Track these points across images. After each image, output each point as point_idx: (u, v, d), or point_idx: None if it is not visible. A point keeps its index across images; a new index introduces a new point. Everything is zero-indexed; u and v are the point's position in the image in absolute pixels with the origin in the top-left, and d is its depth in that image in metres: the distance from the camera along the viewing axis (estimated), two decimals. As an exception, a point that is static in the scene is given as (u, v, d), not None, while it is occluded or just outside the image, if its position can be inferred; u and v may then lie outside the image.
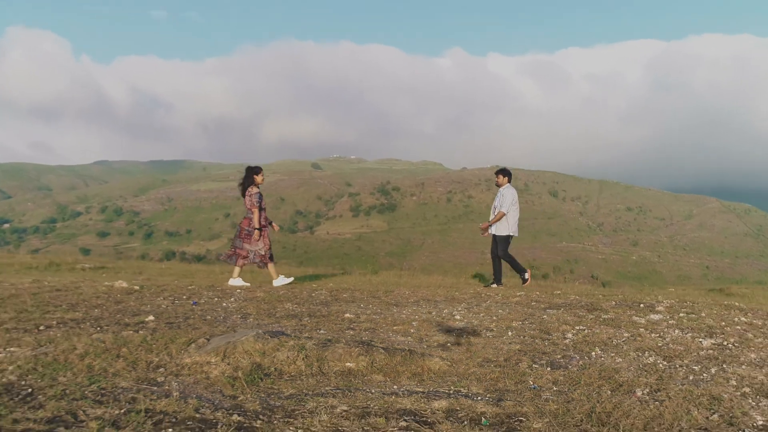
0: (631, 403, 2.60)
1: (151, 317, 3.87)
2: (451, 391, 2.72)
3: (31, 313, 4.05)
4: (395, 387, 2.78)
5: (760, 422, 2.46)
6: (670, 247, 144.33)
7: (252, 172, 7.05)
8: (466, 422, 2.36)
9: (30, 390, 2.65)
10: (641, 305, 4.57)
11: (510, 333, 3.69)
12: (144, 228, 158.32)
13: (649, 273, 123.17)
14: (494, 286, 7.31)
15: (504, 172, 7.70)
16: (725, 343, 3.51)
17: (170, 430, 2.29)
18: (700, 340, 3.53)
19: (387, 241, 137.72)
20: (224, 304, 4.61)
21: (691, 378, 2.97)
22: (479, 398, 2.63)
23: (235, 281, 6.61)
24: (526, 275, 7.48)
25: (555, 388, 2.79)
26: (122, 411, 2.43)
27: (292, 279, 6.88)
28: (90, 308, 4.27)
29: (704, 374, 3.02)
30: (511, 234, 7.49)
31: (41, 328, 3.65)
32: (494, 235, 7.49)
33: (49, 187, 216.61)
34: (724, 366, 3.13)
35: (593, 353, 3.31)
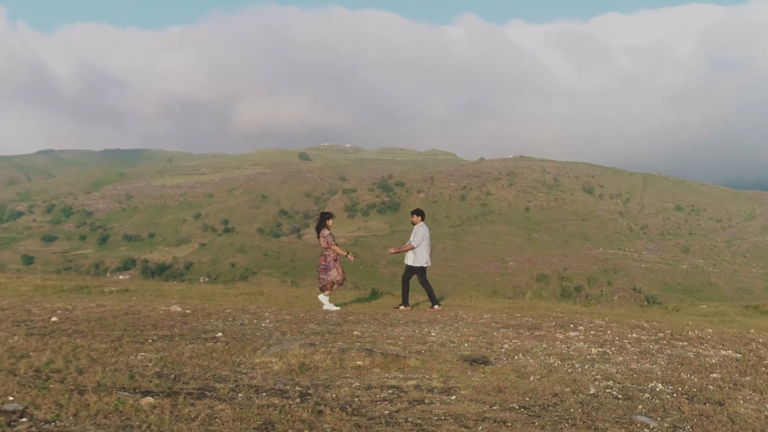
0: (523, 382, 5.49)
1: (220, 334, 6.80)
2: (419, 377, 5.63)
3: (131, 331, 6.97)
4: (387, 374, 5.69)
5: (592, 391, 5.35)
6: (728, 254, 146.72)
7: (325, 217, 10.47)
8: (425, 390, 5.25)
9: (173, 376, 5.54)
10: (571, 325, 7.49)
11: (466, 344, 6.60)
12: (98, 231, 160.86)
13: (702, 285, 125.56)
14: (402, 308, 10.57)
15: (417, 212, 11.24)
16: (608, 351, 6.42)
17: (264, 393, 5.17)
18: (592, 348, 6.44)
19: (389, 247, 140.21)
20: (263, 325, 7.55)
21: (569, 371, 5.86)
22: (435, 380, 5.53)
23: (329, 306, 9.91)
24: (437, 306, 10.64)
25: (482, 375, 5.69)
26: (234, 385, 5.31)
27: (339, 308, 10.12)
28: (169, 327, 7.20)
29: (579, 369, 5.91)
30: (424, 265, 10.75)
31: (149, 341, 6.56)
32: (409, 266, 10.77)
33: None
34: (596, 364, 6.04)
35: (516, 357, 6.22)
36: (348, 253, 10.67)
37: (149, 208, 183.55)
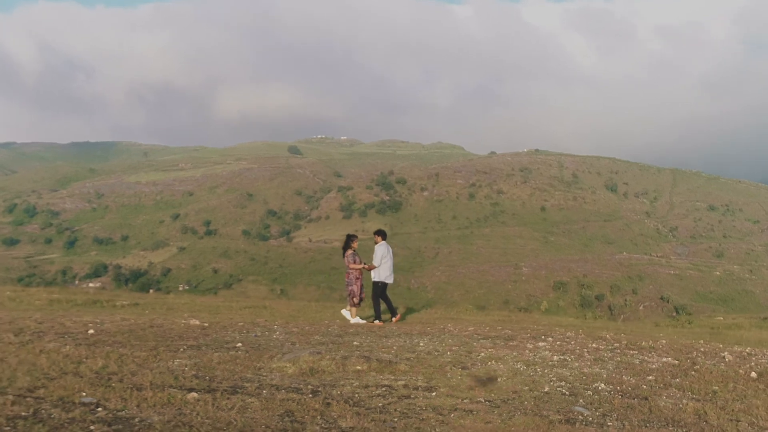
0: (492, 383, 7.66)
1: (240, 344, 8.99)
2: (408, 378, 7.81)
3: (163, 341, 9.14)
4: (381, 376, 7.87)
5: (546, 389, 7.52)
6: (767, 259, 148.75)
7: (350, 239, 13.15)
8: (411, 388, 7.43)
9: (208, 377, 7.72)
10: (542, 336, 9.69)
11: (449, 353, 8.79)
12: (65, 233, 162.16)
13: (738, 294, 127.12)
14: (393, 320, 13.13)
15: (378, 232, 13.67)
16: (567, 358, 8.60)
17: (283, 390, 7.34)
18: (554, 356, 8.61)
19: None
20: (274, 336, 9.74)
21: (531, 374, 8.04)
22: (420, 380, 7.72)
23: (354, 319, 12.59)
24: (377, 322, 13.00)
25: (459, 377, 7.87)
26: (258, 384, 7.49)
27: (364, 322, 12.56)
28: (194, 338, 9.38)
29: (540, 372, 8.09)
30: (384, 281, 13.22)
31: (181, 350, 8.74)
32: (374, 281, 13.27)
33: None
34: (555, 369, 8.21)
35: (489, 363, 8.39)
36: (364, 264, 13.27)
37: (122, 207, 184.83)
